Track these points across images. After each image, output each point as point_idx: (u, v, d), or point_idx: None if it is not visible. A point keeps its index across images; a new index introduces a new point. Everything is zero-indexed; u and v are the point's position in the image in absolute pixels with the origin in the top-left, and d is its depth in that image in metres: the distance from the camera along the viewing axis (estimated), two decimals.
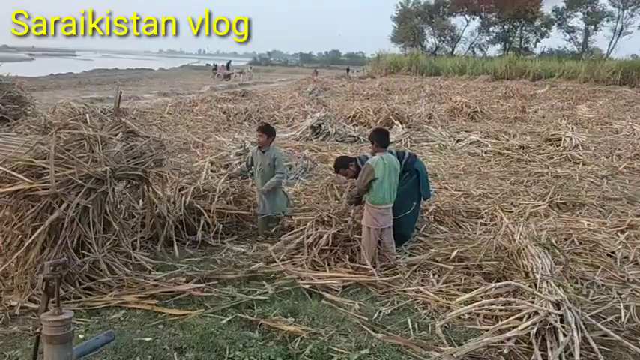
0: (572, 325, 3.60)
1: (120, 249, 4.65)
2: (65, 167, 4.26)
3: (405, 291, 4.57)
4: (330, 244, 5.13)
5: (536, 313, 3.74)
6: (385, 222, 5.13)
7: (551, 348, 3.50)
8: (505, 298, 4.10)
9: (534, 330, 3.60)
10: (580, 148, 11.54)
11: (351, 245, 5.22)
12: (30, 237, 4.07)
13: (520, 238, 4.90)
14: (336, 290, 4.53)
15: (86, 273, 4.25)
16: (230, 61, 48.84)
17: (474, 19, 63.78)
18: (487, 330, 3.77)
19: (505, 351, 3.53)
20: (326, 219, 5.48)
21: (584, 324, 3.73)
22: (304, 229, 5.42)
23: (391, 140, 6.27)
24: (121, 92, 5.48)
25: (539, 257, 4.51)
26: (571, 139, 11.77)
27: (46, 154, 4.25)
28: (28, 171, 4.19)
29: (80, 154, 4.42)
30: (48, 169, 4.12)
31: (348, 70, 52.68)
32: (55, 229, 4.13)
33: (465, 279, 4.80)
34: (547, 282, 4.09)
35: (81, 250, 4.28)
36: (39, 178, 4.15)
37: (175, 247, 5.35)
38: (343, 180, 6.97)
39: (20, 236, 4.16)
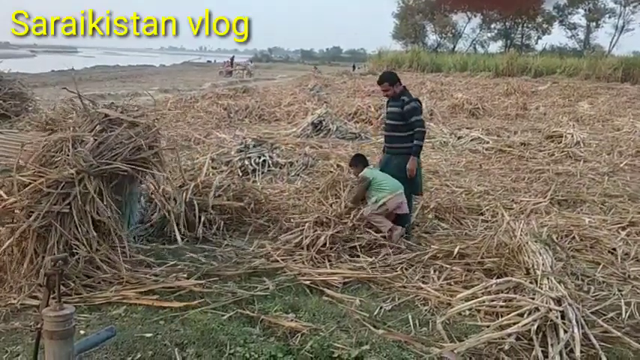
0: (573, 321, 3.60)
1: (115, 245, 4.57)
2: (38, 175, 4.27)
3: (405, 287, 4.57)
4: (327, 244, 5.14)
5: (537, 309, 3.73)
6: (399, 205, 5.46)
7: (552, 344, 3.51)
8: (506, 295, 4.11)
9: (535, 326, 3.60)
10: (581, 145, 11.50)
11: (350, 244, 5.24)
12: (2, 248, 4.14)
13: (521, 235, 4.89)
14: (336, 287, 4.53)
15: (82, 271, 4.23)
16: (233, 56, 47.70)
17: (475, 15, 63.67)
18: (488, 326, 3.77)
19: (506, 347, 3.53)
20: (324, 220, 5.48)
21: (584, 320, 3.72)
22: (303, 229, 5.43)
23: None
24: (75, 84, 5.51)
25: (540, 254, 4.50)
26: (572, 136, 11.74)
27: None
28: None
29: (57, 158, 4.41)
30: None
31: (354, 67, 51.67)
32: (43, 236, 4.15)
33: (465, 275, 4.79)
34: (548, 278, 4.09)
35: (74, 251, 4.27)
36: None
37: (179, 239, 5.30)
38: (345, 178, 6.95)
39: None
